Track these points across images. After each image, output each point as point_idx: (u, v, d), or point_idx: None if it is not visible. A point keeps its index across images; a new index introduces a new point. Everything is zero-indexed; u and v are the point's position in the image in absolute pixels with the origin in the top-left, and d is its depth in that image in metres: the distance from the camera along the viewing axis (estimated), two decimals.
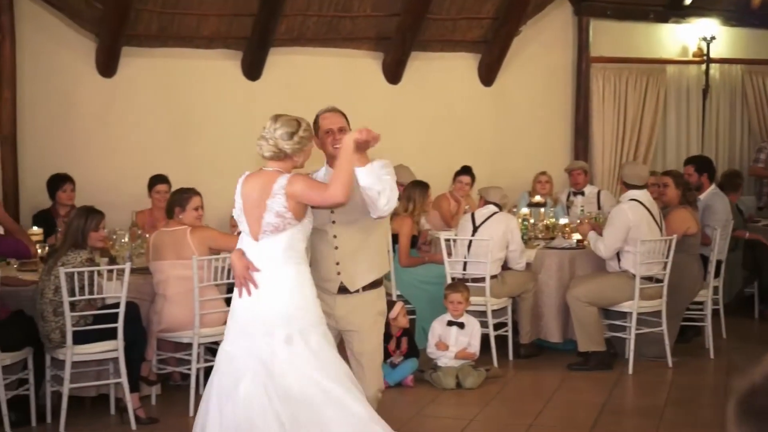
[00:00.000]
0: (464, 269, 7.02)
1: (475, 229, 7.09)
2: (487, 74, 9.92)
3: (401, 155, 8.74)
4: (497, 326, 7.01)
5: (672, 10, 10.53)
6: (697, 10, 10.59)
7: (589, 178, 9.28)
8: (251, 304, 4.11)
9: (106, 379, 5.76)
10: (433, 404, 6.14)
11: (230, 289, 4.97)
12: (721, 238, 7.37)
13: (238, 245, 4.25)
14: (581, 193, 8.88)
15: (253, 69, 8.80)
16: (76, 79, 8.19)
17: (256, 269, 4.10)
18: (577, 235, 7.38)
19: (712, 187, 8.00)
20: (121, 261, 6.07)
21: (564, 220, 7.80)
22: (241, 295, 4.15)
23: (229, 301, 4.53)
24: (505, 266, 7.14)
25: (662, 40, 10.68)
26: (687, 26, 10.68)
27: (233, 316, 4.20)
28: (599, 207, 8.59)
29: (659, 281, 6.82)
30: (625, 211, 6.79)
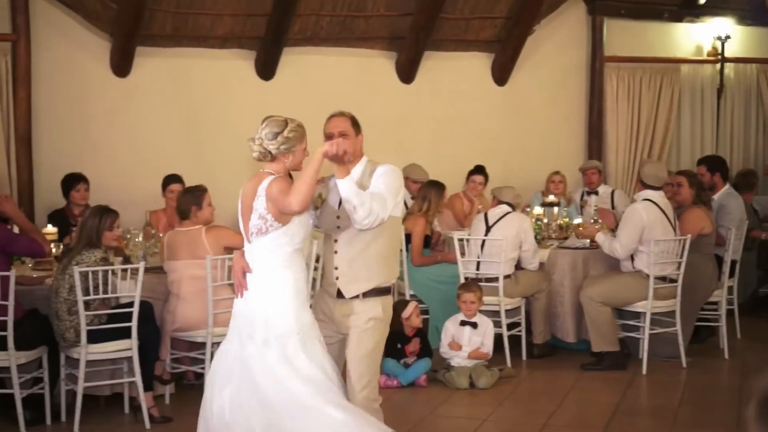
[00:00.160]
0: (477, 269, 7.01)
1: (489, 228, 7.08)
2: (501, 74, 9.90)
3: (414, 155, 8.76)
4: (510, 326, 7.01)
5: (686, 10, 10.48)
6: (711, 9, 10.53)
7: (602, 177, 9.25)
8: (242, 305, 4.22)
9: (120, 378, 5.79)
10: (446, 404, 6.13)
11: None
12: (735, 238, 7.33)
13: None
14: (595, 193, 8.85)
15: (266, 69, 8.82)
16: (90, 79, 8.22)
17: (250, 271, 4.17)
18: None
19: (726, 187, 7.95)
20: (135, 260, 6.09)
21: (578, 220, 7.77)
22: (236, 296, 4.26)
23: None
24: (519, 266, 7.14)
25: (676, 39, 10.62)
26: (701, 25, 10.63)
27: (232, 316, 4.30)
28: (613, 207, 8.57)
29: (673, 281, 6.80)
30: (640, 211, 6.76)
